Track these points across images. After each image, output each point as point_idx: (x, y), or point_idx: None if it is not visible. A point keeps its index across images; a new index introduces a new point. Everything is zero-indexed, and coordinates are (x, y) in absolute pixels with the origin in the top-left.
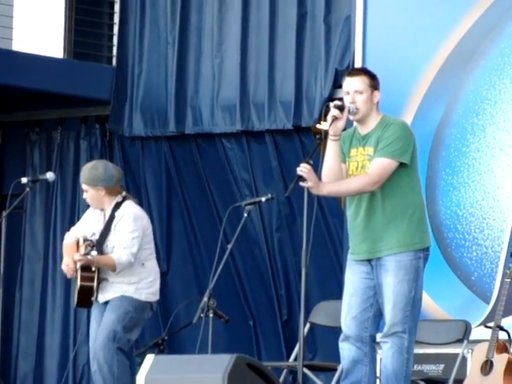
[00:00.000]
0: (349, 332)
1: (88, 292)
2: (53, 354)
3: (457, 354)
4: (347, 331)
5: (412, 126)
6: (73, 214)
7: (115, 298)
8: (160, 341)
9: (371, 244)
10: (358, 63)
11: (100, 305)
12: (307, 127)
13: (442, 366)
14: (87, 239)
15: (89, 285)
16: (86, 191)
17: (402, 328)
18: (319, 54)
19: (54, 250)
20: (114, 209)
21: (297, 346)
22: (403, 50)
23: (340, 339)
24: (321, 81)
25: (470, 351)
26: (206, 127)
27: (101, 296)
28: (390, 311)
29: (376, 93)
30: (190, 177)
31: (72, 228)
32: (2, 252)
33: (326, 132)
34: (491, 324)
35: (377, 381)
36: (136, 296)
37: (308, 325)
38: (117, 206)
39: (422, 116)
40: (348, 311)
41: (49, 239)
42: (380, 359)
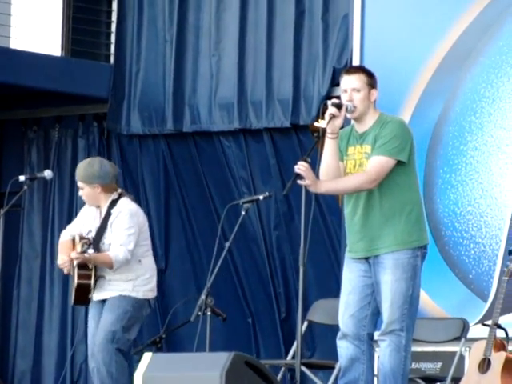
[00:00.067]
0: (346, 330)
1: (85, 290)
2: (51, 353)
3: (454, 352)
4: (345, 329)
5: (410, 124)
6: (70, 212)
7: (113, 298)
8: (158, 339)
9: (369, 242)
10: (356, 61)
11: (97, 303)
12: (305, 125)
13: (440, 364)
14: (84, 237)
15: (86, 282)
16: (82, 189)
17: (400, 326)
18: (317, 52)
19: (52, 248)
20: (110, 206)
21: (294, 344)
22: (401, 48)
23: (338, 337)
24: (319, 79)
25: (468, 349)
26: (204, 125)
27: (97, 294)
28: (388, 309)
29: (373, 91)
30: (188, 175)
31: (68, 226)
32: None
33: (324, 130)
34: (489, 322)
35: (374, 379)
36: (134, 294)
37: (306, 323)
38: (113, 203)
39: (420, 114)
40: (346, 309)
41: (46, 237)
42: (378, 357)
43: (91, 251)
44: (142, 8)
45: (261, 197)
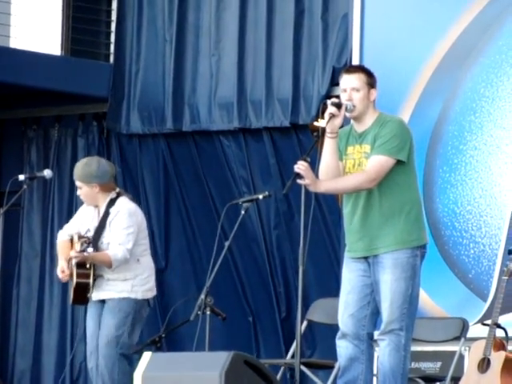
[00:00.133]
0: (346, 330)
1: (84, 289)
2: (50, 352)
3: (454, 352)
4: (344, 329)
5: (409, 124)
6: (70, 212)
7: (113, 301)
8: (157, 338)
9: (368, 241)
10: (356, 61)
11: (96, 302)
12: (305, 125)
13: (440, 364)
14: (82, 236)
15: (85, 282)
16: (80, 188)
17: (399, 325)
18: (317, 52)
19: (52, 248)
20: (109, 205)
21: (294, 343)
22: (401, 48)
23: (337, 337)
24: (318, 78)
25: (468, 349)
26: (204, 125)
27: (96, 294)
28: (387, 309)
29: (373, 90)
30: (188, 174)
31: (65, 225)
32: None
33: (324, 129)
34: (488, 322)
35: (374, 378)
36: (133, 296)
37: (305, 322)
38: (111, 203)
39: (420, 113)
40: (345, 309)
41: (46, 236)
42: (377, 357)
43: (90, 250)
44: (142, 7)
45: (260, 196)
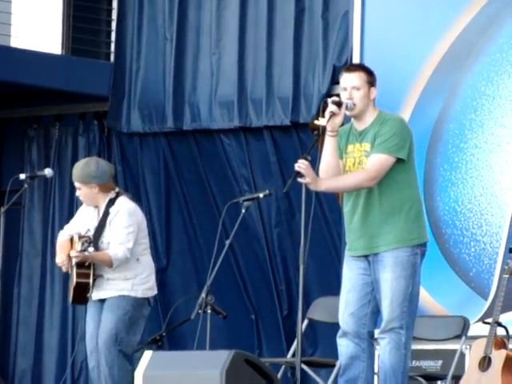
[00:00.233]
0: (347, 328)
1: (84, 289)
2: (51, 351)
3: (455, 350)
4: (345, 327)
5: (410, 122)
6: (71, 211)
7: (112, 298)
8: (158, 337)
9: (368, 240)
10: (356, 59)
11: (96, 302)
12: (305, 123)
13: (440, 362)
14: (83, 236)
15: (85, 281)
16: (79, 189)
17: (400, 324)
18: (317, 50)
19: (52, 247)
20: (108, 205)
21: (295, 342)
22: (401, 46)
23: (338, 335)
24: (319, 77)
25: (468, 347)
26: (204, 123)
27: (96, 293)
28: (388, 307)
29: (373, 89)
30: (189, 172)
31: (65, 226)
32: (0, 248)
33: (324, 128)
34: (489, 320)
35: (374, 377)
36: (133, 294)
37: (306, 321)
38: (111, 202)
39: (420, 112)
40: (346, 307)
41: (47, 235)
42: (378, 355)
43: (91, 249)
44: (143, 6)
45: (261, 195)
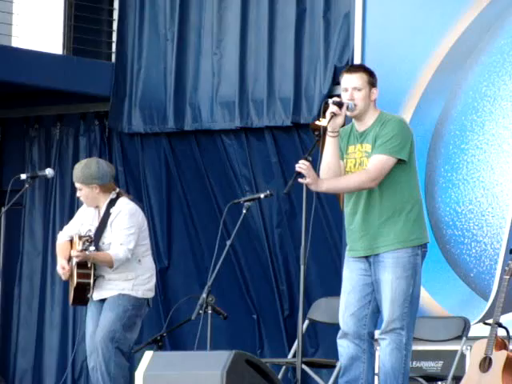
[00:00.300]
0: (347, 329)
1: (84, 289)
2: (52, 351)
3: (455, 351)
4: (345, 328)
5: (411, 123)
6: (72, 211)
7: (113, 296)
8: (159, 337)
9: (369, 241)
10: (357, 60)
11: (96, 302)
12: (306, 124)
13: (441, 363)
14: (84, 235)
15: (85, 281)
16: (80, 190)
17: (400, 324)
18: (318, 51)
19: (53, 247)
20: (109, 205)
21: (295, 343)
22: (402, 47)
23: (338, 336)
24: (320, 77)
25: (469, 348)
26: (205, 124)
27: (96, 293)
28: (388, 308)
29: (374, 90)
30: (190, 173)
31: (65, 227)
32: (1, 248)
33: (325, 128)
34: (490, 321)
35: (375, 378)
36: (133, 293)
37: (307, 321)
38: (111, 203)
39: (421, 113)
40: (346, 308)
41: (48, 235)
42: (378, 356)
43: (92, 249)
44: (144, 6)
45: (262, 195)
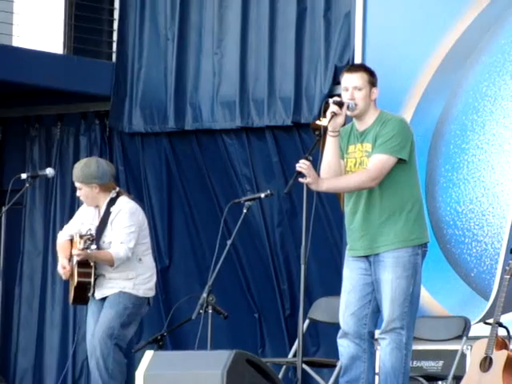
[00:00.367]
0: (347, 328)
1: (85, 288)
2: (52, 350)
3: (456, 351)
4: (345, 328)
5: (411, 123)
6: (72, 210)
7: (114, 294)
8: (160, 336)
9: (369, 240)
10: (358, 60)
11: (97, 301)
12: (307, 123)
13: (442, 363)
14: (85, 234)
15: (86, 280)
16: (80, 189)
17: (400, 324)
18: (319, 51)
19: (54, 246)
20: (109, 204)
21: (296, 342)
22: (403, 47)
23: (338, 336)
24: (320, 77)
25: (470, 348)
26: (206, 124)
27: (98, 292)
28: (388, 307)
29: (374, 89)
30: (191, 172)
31: (65, 226)
32: (2, 248)
33: (326, 128)
34: (490, 320)
35: (375, 377)
36: (134, 292)
37: (307, 321)
38: (111, 202)
39: (422, 112)
40: (346, 308)
41: (48, 235)
42: (379, 355)
43: (94, 247)
44: (144, 6)
45: (262, 195)
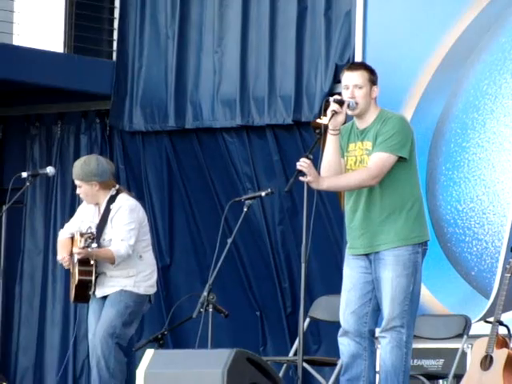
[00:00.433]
0: (348, 327)
1: (86, 286)
2: (53, 349)
3: (457, 349)
4: (346, 326)
5: (412, 121)
6: (73, 209)
7: (115, 292)
8: (160, 335)
9: (370, 238)
10: (359, 58)
11: (98, 299)
12: (307, 122)
13: (442, 361)
14: (85, 232)
15: (87, 279)
16: (80, 187)
17: (401, 322)
18: (319, 49)
19: (54, 245)
20: (109, 202)
21: (297, 341)
22: (403, 45)
23: (339, 334)
24: (321, 75)
25: (470, 346)
26: (206, 122)
27: (99, 290)
28: (389, 306)
29: (375, 88)
30: (192, 170)
31: (66, 224)
32: (2, 246)
33: (326, 126)
34: (491, 319)
35: (376, 375)
36: (135, 290)
37: (308, 319)
38: (111, 199)
39: (423, 111)
40: (347, 306)
41: (49, 233)
42: (379, 354)
43: (94, 245)
44: (145, 5)
45: (263, 193)
